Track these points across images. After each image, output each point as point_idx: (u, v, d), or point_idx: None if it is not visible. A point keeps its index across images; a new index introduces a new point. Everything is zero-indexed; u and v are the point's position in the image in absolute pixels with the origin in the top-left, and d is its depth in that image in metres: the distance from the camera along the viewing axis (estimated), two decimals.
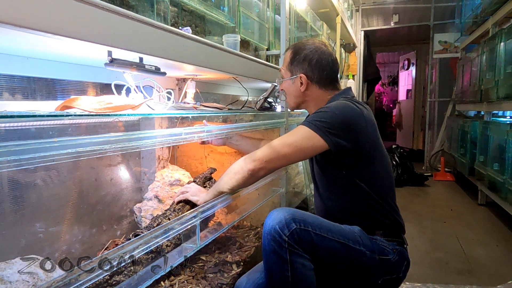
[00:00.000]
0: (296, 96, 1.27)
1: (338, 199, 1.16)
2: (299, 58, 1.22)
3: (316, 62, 1.21)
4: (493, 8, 3.07)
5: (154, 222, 1.17)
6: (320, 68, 1.21)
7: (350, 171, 1.11)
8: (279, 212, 0.97)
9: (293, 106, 1.31)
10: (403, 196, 3.63)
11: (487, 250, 2.22)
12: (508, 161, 2.45)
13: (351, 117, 1.07)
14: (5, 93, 0.98)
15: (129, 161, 1.50)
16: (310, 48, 1.22)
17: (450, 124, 4.59)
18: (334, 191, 1.17)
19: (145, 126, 1.47)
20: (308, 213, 1.02)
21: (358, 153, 1.08)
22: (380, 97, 10.19)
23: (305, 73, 1.22)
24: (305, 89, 1.23)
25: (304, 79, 1.22)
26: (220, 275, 1.30)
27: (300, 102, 1.28)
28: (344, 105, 1.09)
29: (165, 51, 0.90)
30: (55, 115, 0.72)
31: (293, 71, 1.25)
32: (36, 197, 1.08)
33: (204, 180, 1.45)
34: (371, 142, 1.10)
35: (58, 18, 0.61)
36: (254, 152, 1.10)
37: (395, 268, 1.08)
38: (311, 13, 2.56)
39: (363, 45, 5.20)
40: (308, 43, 1.24)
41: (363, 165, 1.11)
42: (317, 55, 1.21)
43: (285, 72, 1.28)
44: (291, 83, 1.26)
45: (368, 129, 1.09)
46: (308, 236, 0.95)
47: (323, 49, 1.23)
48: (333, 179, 1.16)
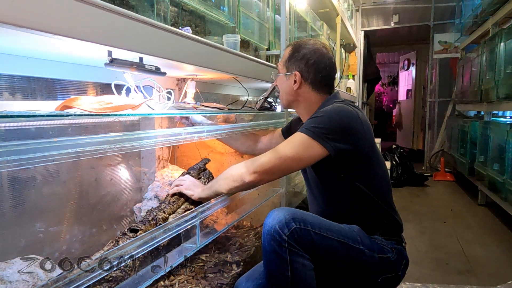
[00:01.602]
0: (288, 93, 1.25)
1: (335, 203, 1.16)
2: (297, 56, 1.21)
3: (313, 63, 1.20)
4: (493, 8, 3.07)
5: (149, 216, 1.14)
6: (316, 70, 1.20)
7: (349, 173, 1.11)
8: (279, 212, 0.97)
9: (285, 103, 1.30)
10: (403, 196, 3.63)
11: (487, 250, 2.22)
12: (508, 161, 2.45)
13: (348, 120, 1.07)
14: (5, 93, 0.98)
15: (129, 161, 1.50)
16: (310, 48, 1.21)
17: (450, 124, 4.59)
18: (332, 194, 1.17)
19: (145, 126, 1.47)
20: (308, 212, 1.02)
21: (358, 156, 1.08)
22: (380, 97, 10.19)
23: (300, 71, 1.21)
24: (298, 87, 1.22)
25: (298, 77, 1.21)
26: (220, 275, 1.30)
27: (292, 101, 1.27)
28: (340, 109, 1.09)
29: (165, 51, 0.90)
30: (55, 115, 0.72)
31: (289, 68, 1.23)
32: (36, 197, 1.08)
33: (199, 171, 1.43)
34: (369, 144, 1.10)
35: (58, 18, 0.61)
36: (253, 161, 1.08)
37: (394, 267, 1.08)
38: (311, 13, 2.56)
39: (363, 45, 5.20)
40: (310, 43, 1.23)
41: (362, 167, 1.11)
42: (315, 56, 1.20)
43: (281, 67, 1.27)
44: (285, 80, 1.25)
45: (365, 131, 1.09)
46: (308, 235, 0.95)
47: (323, 52, 1.21)
48: (331, 183, 1.15)
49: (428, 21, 5.01)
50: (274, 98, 1.80)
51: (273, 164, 1.05)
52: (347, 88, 4.04)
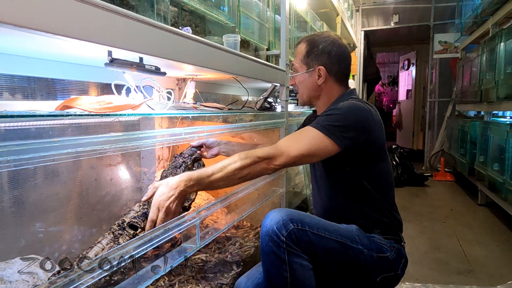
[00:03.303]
0: (312, 89, 1.23)
1: (338, 197, 1.17)
2: (317, 51, 1.19)
3: (335, 55, 1.19)
4: (493, 8, 3.07)
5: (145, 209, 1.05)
6: (339, 61, 1.19)
7: (355, 169, 1.11)
8: (277, 213, 0.97)
9: (306, 100, 1.27)
10: (403, 196, 3.63)
11: (487, 250, 2.22)
12: (508, 161, 2.45)
13: (363, 117, 1.07)
14: (5, 93, 0.98)
15: (129, 161, 1.50)
16: (328, 40, 1.20)
17: (450, 124, 4.59)
18: (335, 188, 1.17)
19: (145, 126, 1.47)
20: (306, 213, 1.02)
21: (367, 153, 1.10)
22: (380, 97, 10.19)
23: (324, 65, 1.19)
24: (323, 81, 1.20)
25: (323, 71, 1.19)
26: (220, 275, 1.30)
27: (314, 97, 1.25)
28: (355, 106, 1.09)
29: (165, 51, 0.90)
30: (55, 115, 0.72)
31: (310, 64, 1.21)
32: (36, 197, 1.08)
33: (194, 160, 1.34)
34: (379, 142, 1.11)
35: (58, 18, 0.61)
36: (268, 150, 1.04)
37: (393, 266, 1.09)
38: (311, 13, 2.56)
39: (363, 45, 5.20)
40: (324, 35, 1.22)
41: (368, 164, 1.11)
42: (335, 47, 1.19)
43: (300, 65, 1.24)
44: (307, 77, 1.22)
45: (377, 129, 1.10)
46: (305, 236, 0.95)
47: (340, 42, 1.21)
48: (336, 176, 1.16)
49: (428, 21, 5.01)
50: (274, 98, 1.80)
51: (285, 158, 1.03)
52: None
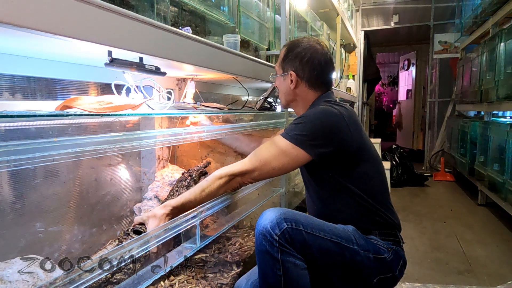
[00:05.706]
0: (286, 93, 1.25)
1: (328, 201, 1.16)
2: (292, 55, 1.20)
3: (307, 61, 1.18)
4: (493, 8, 3.07)
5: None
6: (310, 67, 1.19)
7: (336, 173, 1.11)
8: (271, 212, 0.98)
9: (284, 104, 1.30)
10: (403, 196, 3.63)
11: (487, 250, 2.22)
12: (508, 162, 2.45)
13: (331, 123, 1.06)
14: (5, 93, 0.98)
15: (129, 161, 1.50)
16: (304, 46, 1.20)
17: (450, 124, 4.59)
18: (323, 193, 1.17)
19: (145, 126, 1.47)
20: (301, 213, 1.02)
21: (343, 156, 1.08)
22: (380, 97, 10.18)
23: (295, 70, 1.20)
24: (295, 87, 1.21)
25: (294, 76, 1.20)
26: (220, 275, 1.30)
27: (290, 100, 1.27)
28: (323, 112, 1.09)
29: (165, 51, 0.90)
30: (55, 115, 0.72)
31: (285, 68, 1.23)
32: (36, 196, 1.08)
33: (200, 174, 1.44)
34: (356, 143, 1.09)
35: (58, 18, 0.61)
36: (242, 166, 1.09)
37: (390, 267, 1.08)
38: (311, 13, 2.56)
39: (363, 45, 5.20)
40: (303, 41, 1.22)
41: (349, 167, 1.10)
42: (309, 54, 1.18)
43: (278, 68, 1.27)
44: (282, 80, 1.25)
45: (351, 131, 1.08)
46: (300, 235, 0.95)
47: (317, 48, 1.20)
48: (321, 181, 1.16)
49: (428, 21, 5.01)
50: (274, 98, 1.80)
51: (256, 169, 1.08)
52: (347, 88, 4.04)
